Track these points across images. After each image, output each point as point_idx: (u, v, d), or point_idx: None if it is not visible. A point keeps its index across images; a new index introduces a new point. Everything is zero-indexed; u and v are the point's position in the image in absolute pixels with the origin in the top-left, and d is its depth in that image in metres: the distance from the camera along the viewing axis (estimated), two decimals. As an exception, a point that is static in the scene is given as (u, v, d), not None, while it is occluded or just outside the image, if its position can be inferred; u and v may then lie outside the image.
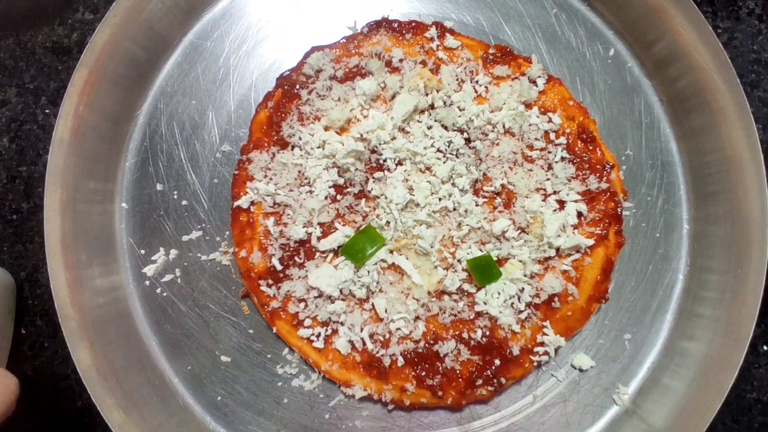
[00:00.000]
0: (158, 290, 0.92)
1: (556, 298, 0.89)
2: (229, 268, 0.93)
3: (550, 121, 0.94)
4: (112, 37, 0.90)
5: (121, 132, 0.96)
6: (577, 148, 0.93)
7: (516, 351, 0.87)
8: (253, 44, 0.99)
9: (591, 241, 0.90)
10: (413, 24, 0.98)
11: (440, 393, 0.85)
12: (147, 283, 0.92)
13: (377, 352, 0.86)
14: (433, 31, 0.97)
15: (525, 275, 0.89)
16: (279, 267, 0.88)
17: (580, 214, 0.91)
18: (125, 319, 0.91)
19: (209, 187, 0.95)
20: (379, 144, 0.91)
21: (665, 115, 0.99)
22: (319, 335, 0.88)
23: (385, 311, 0.87)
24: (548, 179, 0.92)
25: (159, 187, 0.95)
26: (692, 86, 0.94)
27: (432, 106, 0.94)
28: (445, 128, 0.93)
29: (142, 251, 0.93)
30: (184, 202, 0.95)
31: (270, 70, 0.98)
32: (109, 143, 0.94)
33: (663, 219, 0.96)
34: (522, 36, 1.01)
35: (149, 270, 0.92)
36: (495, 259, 0.88)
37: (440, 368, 0.86)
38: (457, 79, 0.95)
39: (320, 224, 0.90)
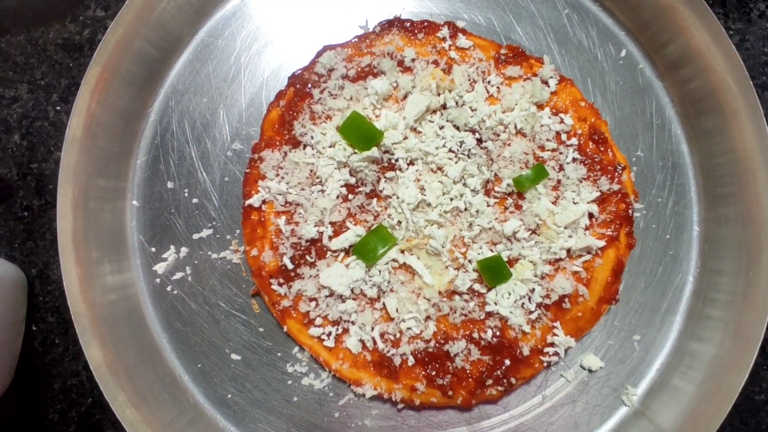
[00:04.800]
0: (169, 288, 0.92)
1: (566, 299, 0.89)
2: (240, 266, 0.93)
3: (561, 122, 0.94)
4: (125, 35, 0.90)
5: (132, 130, 0.95)
6: (588, 150, 0.93)
7: (526, 351, 0.87)
8: (264, 42, 0.99)
9: (602, 243, 0.90)
10: (425, 24, 0.97)
11: (450, 393, 0.85)
12: (157, 280, 0.92)
13: (388, 352, 0.86)
14: (445, 31, 0.97)
15: (535, 276, 0.88)
16: (290, 266, 0.88)
17: (591, 216, 0.91)
18: (136, 316, 0.91)
19: (220, 185, 0.95)
20: (391, 144, 0.90)
21: (676, 116, 0.98)
22: (329, 334, 0.87)
23: (396, 311, 0.87)
24: (559, 180, 0.92)
25: (170, 185, 0.95)
26: (704, 88, 0.94)
27: (444, 106, 0.94)
28: (457, 128, 0.93)
29: (153, 249, 0.93)
30: (194, 200, 0.95)
31: (281, 68, 0.98)
32: (120, 141, 0.94)
33: (673, 221, 0.95)
34: (534, 36, 1.00)
35: (160, 268, 0.92)
36: (506, 259, 0.88)
37: (450, 368, 0.86)
38: (469, 80, 0.95)
39: (332, 223, 0.89)
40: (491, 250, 0.89)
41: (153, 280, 0.93)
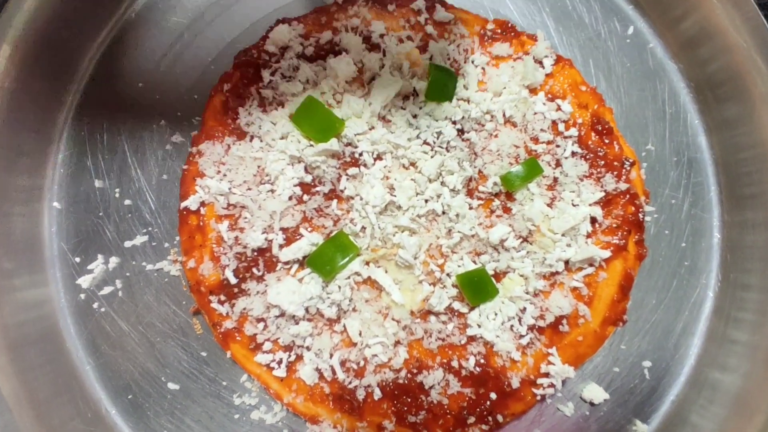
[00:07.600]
0: (95, 305, 0.83)
1: (564, 321, 0.82)
2: (179, 279, 0.84)
3: (558, 109, 0.87)
4: (38, 5, 0.79)
5: (51, 119, 0.86)
6: (590, 142, 0.86)
7: (516, 383, 0.79)
8: (211, 16, 0.90)
9: (607, 253, 0.82)
10: (398, -7, 0.90)
11: (424, 432, 0.78)
12: (82, 296, 0.83)
13: (349, 383, 0.79)
14: (421, 2, 0.89)
15: (527, 293, 0.82)
16: (233, 280, 0.80)
17: (594, 220, 0.83)
18: (53, 339, 0.82)
19: (157, 184, 0.86)
20: (355, 135, 0.82)
21: (693, 103, 0.92)
22: (280, 362, 0.79)
23: (359, 334, 0.80)
24: (556, 178, 0.85)
25: (98, 183, 0.86)
26: (726, 70, 0.87)
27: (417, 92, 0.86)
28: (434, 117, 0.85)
29: (77, 259, 0.84)
30: (127, 202, 0.86)
31: (230, 46, 0.89)
32: (36, 132, 0.84)
33: (690, 226, 0.89)
34: (526, 10, 0.93)
35: (85, 281, 0.83)
36: (491, 273, 0.81)
37: (425, 403, 0.79)
38: (449, 59, 0.86)
39: (283, 230, 0.82)
40: (474, 262, 0.82)
41: (76, 296, 0.84)
